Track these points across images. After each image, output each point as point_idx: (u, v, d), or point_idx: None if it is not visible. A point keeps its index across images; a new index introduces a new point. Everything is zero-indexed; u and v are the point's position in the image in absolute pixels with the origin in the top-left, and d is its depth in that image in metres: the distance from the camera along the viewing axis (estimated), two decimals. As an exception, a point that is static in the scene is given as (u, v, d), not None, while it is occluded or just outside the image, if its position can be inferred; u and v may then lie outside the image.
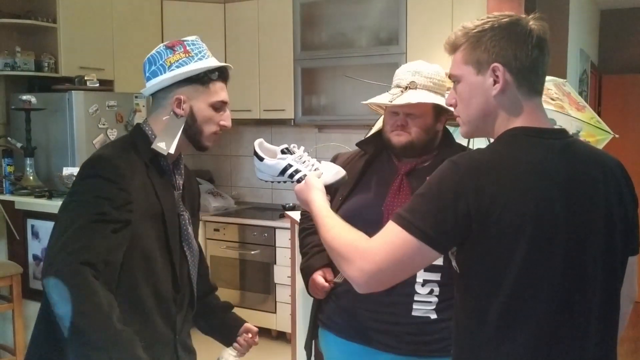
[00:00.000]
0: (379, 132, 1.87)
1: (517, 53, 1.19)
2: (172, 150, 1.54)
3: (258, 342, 1.84)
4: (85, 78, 3.81)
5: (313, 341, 1.99)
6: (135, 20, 4.30)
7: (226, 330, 1.82)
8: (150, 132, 1.57)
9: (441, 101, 1.73)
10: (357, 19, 4.16)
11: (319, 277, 1.81)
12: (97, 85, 3.84)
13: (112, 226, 1.39)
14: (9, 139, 3.68)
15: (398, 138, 1.75)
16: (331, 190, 1.57)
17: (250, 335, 1.81)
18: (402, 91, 1.76)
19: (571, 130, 2.51)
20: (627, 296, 1.31)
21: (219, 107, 1.58)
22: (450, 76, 1.29)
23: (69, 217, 1.40)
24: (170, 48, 1.55)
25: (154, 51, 1.56)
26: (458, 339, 1.25)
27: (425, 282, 1.66)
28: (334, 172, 1.55)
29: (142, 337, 1.41)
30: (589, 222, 1.17)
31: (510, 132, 1.21)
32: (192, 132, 1.57)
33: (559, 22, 4.25)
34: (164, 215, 1.54)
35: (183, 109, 1.54)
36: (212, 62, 1.56)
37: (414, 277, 1.66)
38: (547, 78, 2.51)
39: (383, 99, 1.79)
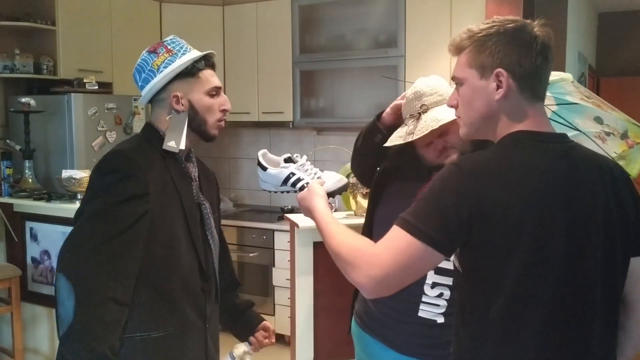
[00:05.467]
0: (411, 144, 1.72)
1: (521, 59, 1.20)
2: (182, 147, 1.59)
3: (274, 342, 1.91)
4: (84, 80, 3.82)
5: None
6: (134, 23, 4.30)
7: (245, 326, 1.89)
8: (158, 129, 1.63)
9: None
10: (356, 21, 4.17)
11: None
12: (96, 87, 3.84)
13: (131, 234, 1.45)
14: (7, 141, 3.68)
15: (449, 159, 1.63)
16: (333, 197, 1.57)
17: (267, 332, 1.89)
18: (417, 119, 1.65)
19: (618, 129, 2.37)
20: (638, 299, 1.29)
21: (214, 93, 1.62)
22: (453, 78, 1.29)
23: (94, 222, 1.46)
24: (153, 52, 1.60)
25: (139, 60, 1.61)
26: (459, 339, 1.26)
27: (434, 285, 1.66)
28: (336, 180, 1.57)
29: (172, 325, 1.56)
30: (588, 225, 1.18)
31: (511, 136, 1.22)
32: (196, 124, 1.62)
33: (557, 25, 4.25)
34: (182, 204, 1.59)
35: (182, 104, 1.59)
36: (195, 53, 1.61)
37: (424, 277, 1.65)
38: (553, 74, 2.33)
39: (398, 138, 1.68)
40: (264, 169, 1.61)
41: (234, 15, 4.64)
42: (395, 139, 1.70)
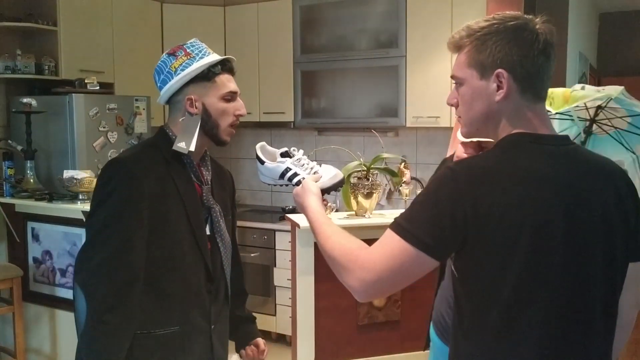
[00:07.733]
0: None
1: (522, 59, 1.16)
2: (192, 148, 1.61)
3: None
4: (86, 81, 3.82)
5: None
6: (136, 24, 4.31)
7: (242, 338, 1.94)
8: (170, 132, 1.66)
9: None
10: (357, 21, 4.17)
11: None
12: (98, 88, 3.85)
13: (132, 241, 1.52)
14: (9, 141, 3.68)
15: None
16: (329, 193, 1.57)
17: (257, 349, 1.92)
18: None
19: (597, 94, 2.48)
20: (632, 303, 1.29)
21: (229, 98, 1.66)
22: (452, 77, 1.27)
23: (100, 234, 1.54)
24: (172, 54, 1.63)
25: (159, 61, 1.65)
26: (456, 344, 1.24)
27: None
28: (332, 176, 1.55)
29: (174, 324, 1.60)
30: (588, 229, 1.16)
31: (509, 138, 1.19)
32: (209, 128, 1.64)
33: (558, 25, 4.25)
34: (185, 207, 1.61)
35: (196, 107, 1.62)
36: (213, 57, 1.64)
37: None
38: (602, 89, 2.51)
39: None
40: (262, 162, 1.62)
41: (235, 16, 4.64)
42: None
